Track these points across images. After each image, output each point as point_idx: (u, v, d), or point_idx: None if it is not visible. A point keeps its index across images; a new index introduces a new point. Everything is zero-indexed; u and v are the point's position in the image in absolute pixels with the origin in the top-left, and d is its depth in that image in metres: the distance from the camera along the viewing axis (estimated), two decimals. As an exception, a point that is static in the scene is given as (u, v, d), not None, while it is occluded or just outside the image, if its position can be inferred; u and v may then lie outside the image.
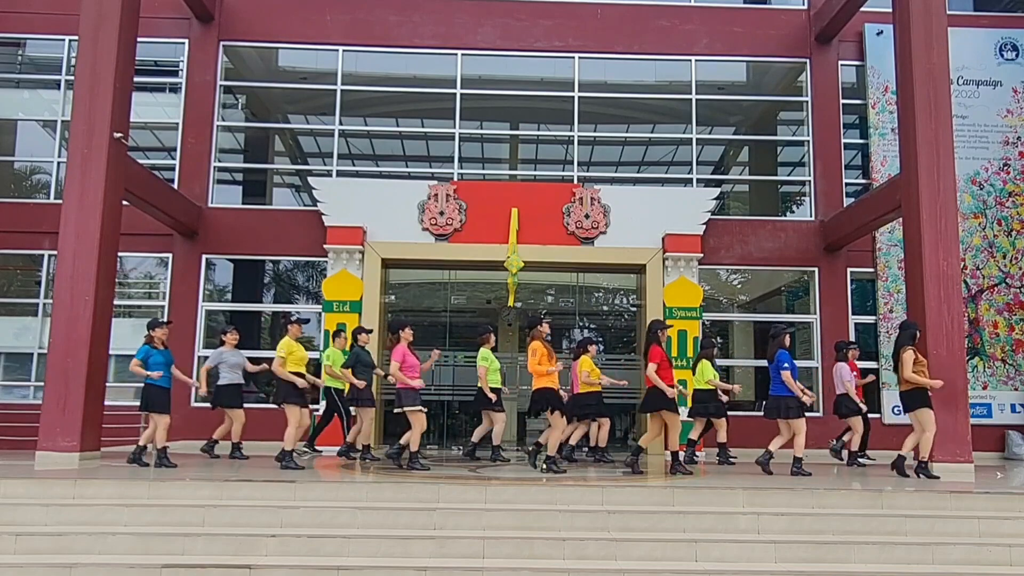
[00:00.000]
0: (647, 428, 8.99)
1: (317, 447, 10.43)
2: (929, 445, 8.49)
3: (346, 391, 9.72)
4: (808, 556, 6.17)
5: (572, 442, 10.03)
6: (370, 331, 10.03)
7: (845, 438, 10.06)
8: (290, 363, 8.70)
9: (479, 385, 9.77)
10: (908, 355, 8.48)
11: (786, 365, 8.52)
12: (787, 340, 8.81)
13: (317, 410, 10.56)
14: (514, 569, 5.85)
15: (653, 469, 9.16)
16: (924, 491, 7.35)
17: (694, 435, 10.31)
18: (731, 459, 10.05)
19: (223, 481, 7.10)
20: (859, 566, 6.12)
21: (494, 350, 10.07)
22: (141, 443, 8.73)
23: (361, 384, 9.29)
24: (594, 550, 6.14)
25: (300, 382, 8.58)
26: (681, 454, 8.66)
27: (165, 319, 9.28)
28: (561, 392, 8.73)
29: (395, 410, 8.56)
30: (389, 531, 6.33)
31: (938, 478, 8.41)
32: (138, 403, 9.00)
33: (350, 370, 9.37)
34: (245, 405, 9.71)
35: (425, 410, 8.43)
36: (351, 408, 9.69)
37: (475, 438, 10.08)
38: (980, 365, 13.01)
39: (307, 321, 10.26)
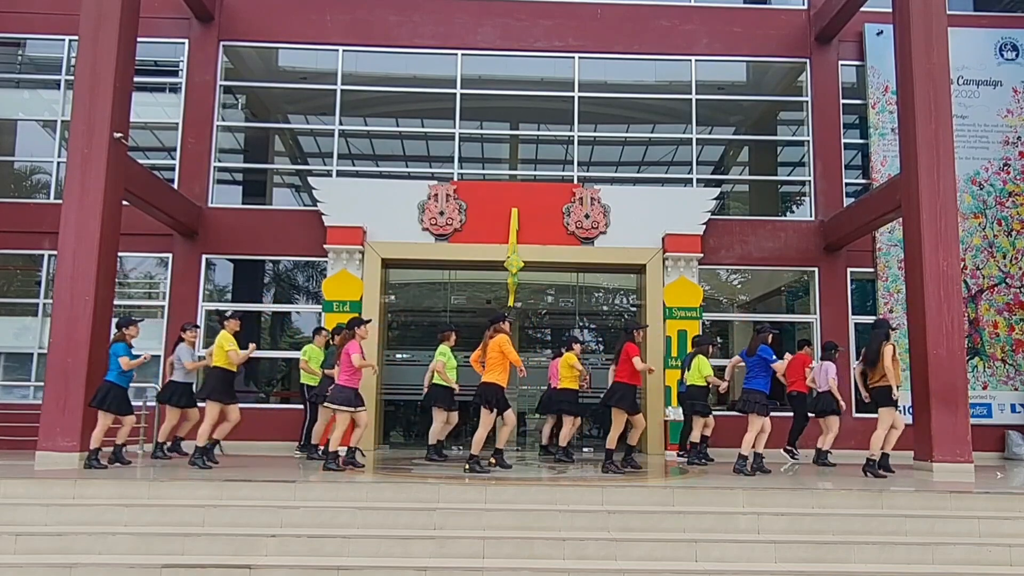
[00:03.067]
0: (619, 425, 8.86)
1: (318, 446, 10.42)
2: (894, 440, 8.72)
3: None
4: (808, 556, 6.18)
5: (544, 441, 10.29)
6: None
7: (827, 443, 9.99)
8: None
9: (434, 381, 9.75)
10: (889, 348, 8.60)
11: (774, 356, 8.69)
12: (770, 338, 8.89)
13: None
14: (514, 569, 5.86)
15: (652, 470, 9.15)
16: (924, 491, 7.37)
17: (696, 436, 10.20)
18: (708, 458, 9.99)
19: (223, 481, 7.12)
20: (859, 566, 6.13)
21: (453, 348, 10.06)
22: (119, 442, 8.77)
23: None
24: (594, 550, 6.15)
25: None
26: (674, 454, 8.70)
27: (135, 318, 9.18)
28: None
29: (323, 404, 8.60)
30: (389, 531, 6.34)
31: (893, 472, 8.71)
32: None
33: (333, 369, 9.36)
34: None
35: (358, 410, 8.32)
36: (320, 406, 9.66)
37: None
38: (980, 365, 13.00)
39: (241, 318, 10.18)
